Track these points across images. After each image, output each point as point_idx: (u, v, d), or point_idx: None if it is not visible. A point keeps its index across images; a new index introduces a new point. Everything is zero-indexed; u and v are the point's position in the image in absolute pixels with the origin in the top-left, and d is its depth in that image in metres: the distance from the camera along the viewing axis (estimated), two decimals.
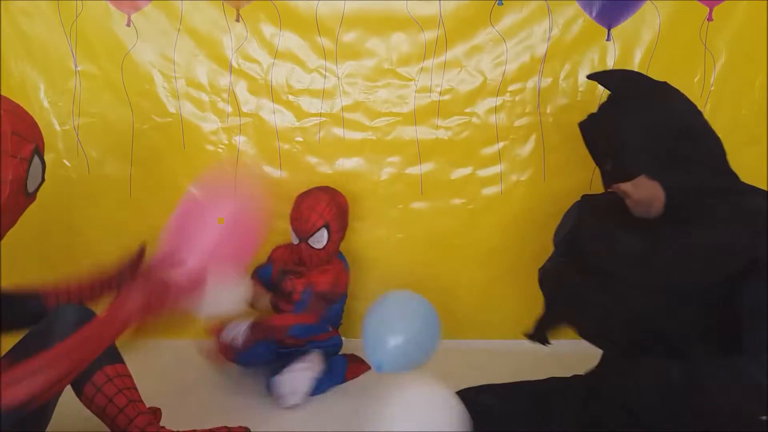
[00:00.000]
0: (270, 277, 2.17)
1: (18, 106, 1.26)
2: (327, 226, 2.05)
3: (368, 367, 2.06)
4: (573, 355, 1.57)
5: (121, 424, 1.43)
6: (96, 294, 1.53)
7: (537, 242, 2.30)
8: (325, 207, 2.06)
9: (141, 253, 1.59)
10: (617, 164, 1.22)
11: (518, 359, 2.18)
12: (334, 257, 2.15)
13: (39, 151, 1.26)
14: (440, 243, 2.33)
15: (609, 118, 1.25)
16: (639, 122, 1.19)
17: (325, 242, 2.06)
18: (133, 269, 1.55)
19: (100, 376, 1.43)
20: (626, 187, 1.21)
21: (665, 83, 1.26)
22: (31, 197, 1.26)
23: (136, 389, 1.50)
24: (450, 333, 2.05)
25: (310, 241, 2.05)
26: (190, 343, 2.19)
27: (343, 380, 2.03)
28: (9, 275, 2.34)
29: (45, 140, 2.28)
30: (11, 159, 1.17)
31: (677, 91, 1.24)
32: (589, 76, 1.36)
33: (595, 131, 1.30)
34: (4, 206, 1.16)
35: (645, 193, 1.19)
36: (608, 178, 1.27)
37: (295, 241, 2.08)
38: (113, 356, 1.48)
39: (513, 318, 2.34)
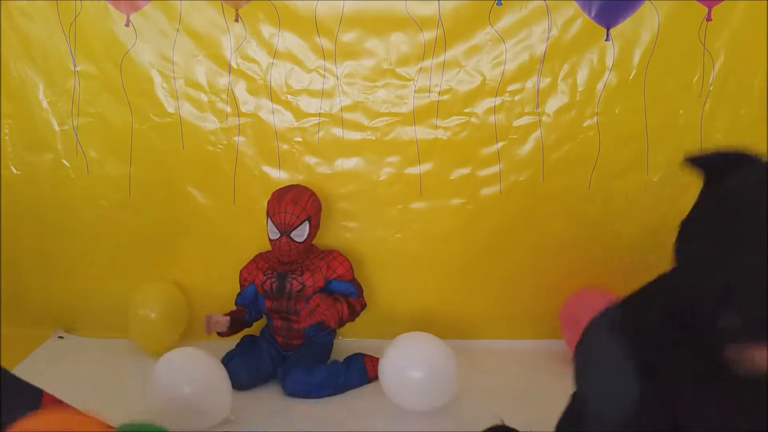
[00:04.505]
0: (255, 296, 2.16)
1: None
2: (309, 220, 2.07)
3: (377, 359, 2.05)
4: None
5: None
6: None
7: (536, 242, 2.32)
8: (307, 201, 2.08)
9: None
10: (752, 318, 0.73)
11: (518, 359, 2.18)
12: (313, 250, 2.16)
13: None
14: (439, 243, 2.33)
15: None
16: None
17: (305, 236, 2.07)
18: None
19: None
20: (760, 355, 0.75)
21: None
22: None
23: None
24: (449, 333, 2.06)
25: (293, 235, 2.04)
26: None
27: (368, 378, 2.04)
28: (9, 275, 2.37)
29: (44, 140, 2.31)
30: None
31: None
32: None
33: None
34: None
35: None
36: (718, 338, 0.79)
37: (275, 236, 2.05)
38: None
39: (512, 317, 2.36)
